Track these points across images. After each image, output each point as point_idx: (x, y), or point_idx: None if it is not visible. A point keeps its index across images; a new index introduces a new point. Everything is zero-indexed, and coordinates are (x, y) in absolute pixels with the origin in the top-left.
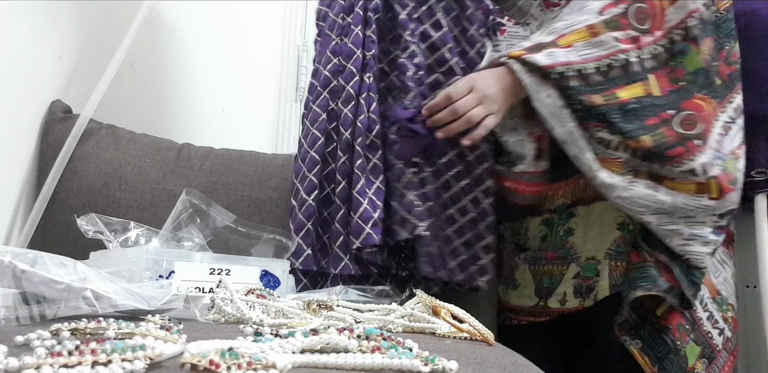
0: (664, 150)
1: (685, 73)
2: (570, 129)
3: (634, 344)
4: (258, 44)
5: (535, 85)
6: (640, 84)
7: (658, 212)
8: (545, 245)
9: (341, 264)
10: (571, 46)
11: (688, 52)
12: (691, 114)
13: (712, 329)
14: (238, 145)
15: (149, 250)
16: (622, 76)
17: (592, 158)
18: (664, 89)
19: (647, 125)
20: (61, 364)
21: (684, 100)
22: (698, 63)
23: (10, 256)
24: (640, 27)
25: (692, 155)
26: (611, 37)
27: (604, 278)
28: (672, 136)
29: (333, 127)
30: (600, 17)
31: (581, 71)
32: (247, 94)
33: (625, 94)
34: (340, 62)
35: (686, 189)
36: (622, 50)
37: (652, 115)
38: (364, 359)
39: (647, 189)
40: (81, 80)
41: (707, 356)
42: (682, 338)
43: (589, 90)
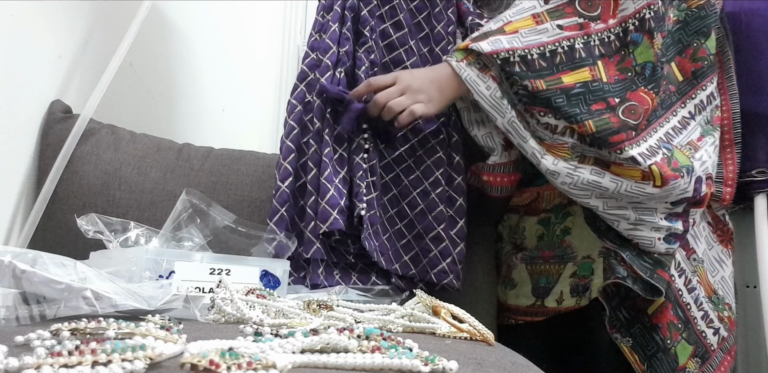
0: (608, 136)
1: (633, 64)
2: (509, 119)
3: (625, 341)
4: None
5: (475, 78)
6: (587, 69)
7: (603, 196)
8: (542, 245)
9: (313, 248)
10: (516, 32)
11: (640, 43)
12: (634, 105)
13: (706, 329)
14: (238, 145)
15: (149, 250)
16: (567, 62)
17: (536, 145)
18: (612, 77)
19: (593, 110)
20: (61, 364)
21: (629, 91)
22: (649, 56)
23: (10, 256)
24: (588, 14)
25: (631, 144)
26: (555, 25)
27: (599, 276)
28: (616, 123)
29: (309, 119)
30: (545, 6)
31: (525, 57)
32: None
33: (570, 79)
34: (317, 57)
35: (631, 175)
36: (566, 37)
37: (599, 99)
38: (364, 359)
39: (592, 175)
40: (81, 80)
41: (700, 355)
42: (673, 337)
43: (532, 75)
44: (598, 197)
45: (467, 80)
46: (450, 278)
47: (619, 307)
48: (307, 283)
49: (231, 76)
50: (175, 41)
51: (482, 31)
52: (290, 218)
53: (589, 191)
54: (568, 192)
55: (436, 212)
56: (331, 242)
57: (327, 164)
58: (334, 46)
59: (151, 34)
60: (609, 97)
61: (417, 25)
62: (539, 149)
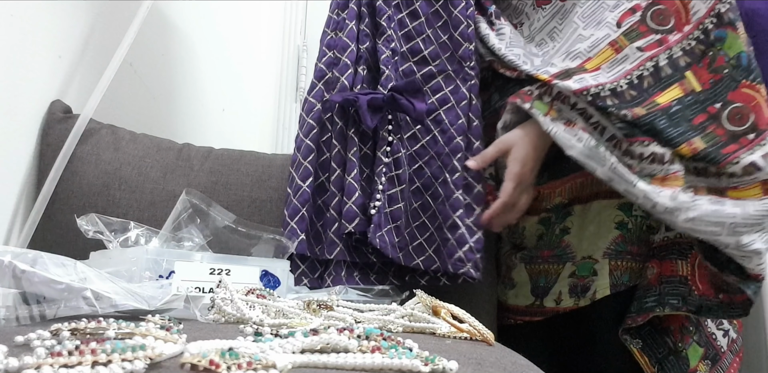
0: (719, 149)
1: (726, 59)
2: (611, 166)
3: (635, 343)
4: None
5: (563, 134)
6: (677, 85)
7: (734, 231)
8: (541, 244)
9: (336, 249)
10: (599, 69)
11: (726, 37)
12: (738, 107)
13: (716, 331)
14: (238, 145)
15: (149, 250)
16: (655, 84)
17: (646, 186)
18: (706, 82)
19: (695, 125)
20: (61, 364)
21: (730, 90)
22: (739, 47)
23: (10, 256)
24: (663, 28)
25: (749, 149)
26: (635, 49)
27: (604, 277)
28: (722, 135)
29: (328, 118)
30: (619, 30)
31: (614, 90)
32: (247, 94)
33: (664, 99)
34: (335, 55)
35: (753, 194)
36: (649, 57)
37: (699, 111)
38: (364, 359)
39: (712, 205)
40: (81, 80)
41: (711, 357)
42: (684, 340)
43: (626, 106)
44: (730, 235)
45: (557, 137)
46: (467, 267)
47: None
48: (328, 283)
49: (231, 76)
50: (175, 41)
51: (560, 67)
52: (310, 218)
53: (718, 227)
54: (696, 232)
55: (453, 199)
56: (352, 241)
57: (354, 164)
58: (352, 44)
59: (152, 34)
60: (708, 105)
61: (434, 13)
62: (651, 189)
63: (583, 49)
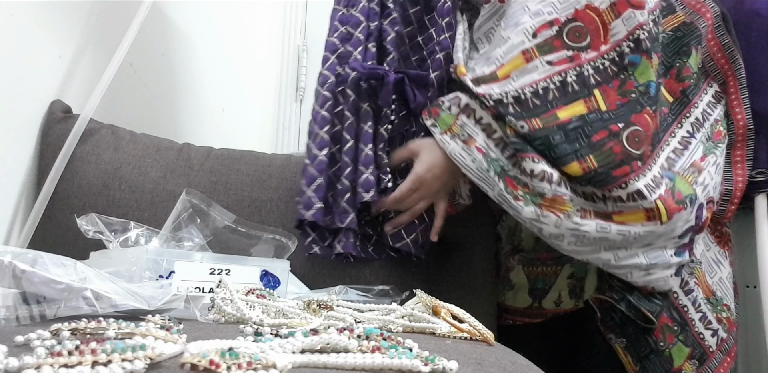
0: (611, 170)
1: (635, 85)
2: (498, 192)
3: (619, 342)
4: (258, 44)
5: (460, 151)
6: (582, 101)
7: (612, 247)
8: (539, 246)
9: (349, 217)
10: (509, 77)
11: (639, 63)
12: (638, 131)
13: (704, 331)
14: (238, 145)
15: (149, 250)
16: (560, 97)
17: (531, 213)
18: (613, 103)
19: (593, 142)
20: (61, 364)
21: (635, 113)
22: (649, 76)
23: (10, 256)
24: (577, 45)
25: (637, 176)
26: (544, 61)
27: (593, 278)
28: (619, 154)
29: (340, 90)
30: (534, 41)
31: (518, 98)
32: (247, 94)
33: (565, 114)
34: (348, 31)
35: (636, 219)
36: (557, 72)
37: (600, 129)
38: (364, 359)
39: (598, 232)
40: (81, 80)
41: (698, 357)
42: (667, 339)
43: (527, 115)
44: (608, 250)
45: (452, 154)
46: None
47: (613, 308)
48: (338, 250)
49: (231, 76)
50: (175, 41)
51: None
52: (327, 186)
53: (595, 245)
54: (574, 253)
55: None
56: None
57: (369, 135)
58: (365, 21)
59: (152, 34)
60: (611, 124)
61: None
62: (537, 214)
63: (498, 54)
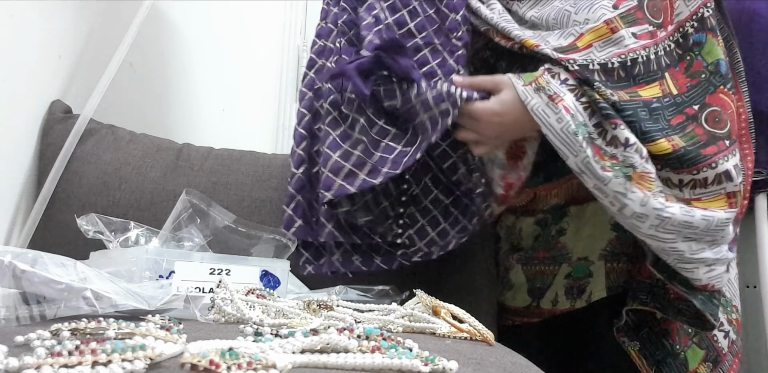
0: (699, 149)
1: (704, 65)
2: (584, 158)
3: (633, 345)
4: (258, 44)
5: (544, 107)
6: (658, 84)
7: (689, 238)
8: (537, 245)
9: (325, 230)
10: (591, 47)
11: (705, 42)
12: (717, 111)
13: (717, 332)
14: (238, 145)
15: (149, 250)
16: (644, 74)
17: (621, 183)
18: (683, 86)
19: (674, 125)
20: (61, 364)
21: (708, 94)
22: (717, 54)
23: (10, 256)
24: (655, 21)
25: (726, 156)
26: (630, 33)
27: (600, 279)
28: (702, 135)
29: (320, 105)
30: (616, 11)
31: (605, 65)
32: (247, 94)
33: (647, 93)
34: (323, 43)
35: (718, 206)
36: (643, 46)
37: (677, 113)
38: (364, 359)
39: (683, 215)
40: (81, 80)
41: (712, 359)
42: (683, 342)
43: (612, 86)
44: (684, 241)
45: (534, 110)
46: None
47: (627, 312)
48: (326, 270)
49: (231, 76)
50: (175, 41)
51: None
52: (307, 203)
53: (675, 233)
54: (653, 238)
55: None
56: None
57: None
58: (335, 28)
59: (151, 34)
60: (686, 107)
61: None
62: (624, 188)
63: (578, 28)
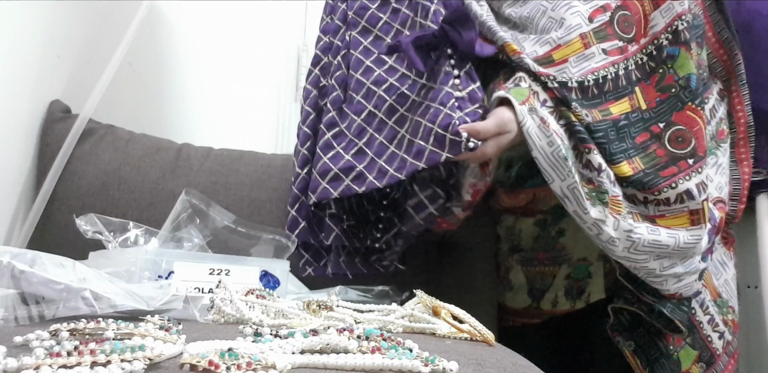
0: (658, 171)
1: (675, 78)
2: (570, 185)
3: (627, 345)
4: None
5: (537, 130)
6: (627, 98)
7: (660, 256)
8: (537, 246)
9: (333, 234)
10: (566, 62)
11: (678, 56)
12: (681, 129)
13: (712, 333)
14: (238, 145)
15: (148, 250)
16: (613, 90)
17: (599, 212)
18: (653, 100)
19: (637, 144)
20: (60, 364)
21: (676, 111)
22: (689, 68)
23: (9, 256)
24: (626, 36)
25: (687, 175)
26: (600, 50)
27: (598, 280)
28: (663, 156)
29: (325, 103)
30: (590, 25)
31: (582, 83)
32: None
33: (616, 110)
34: (329, 40)
35: (680, 223)
36: (612, 62)
37: (642, 130)
38: (364, 359)
39: (650, 234)
40: (80, 80)
41: (705, 360)
42: (676, 343)
43: (587, 104)
44: (656, 259)
45: (528, 132)
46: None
47: (621, 311)
48: (329, 272)
49: (231, 76)
50: (174, 41)
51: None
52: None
53: (648, 254)
54: (626, 259)
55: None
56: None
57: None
58: (343, 26)
59: (151, 33)
60: (652, 124)
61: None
62: (602, 216)
63: (554, 35)
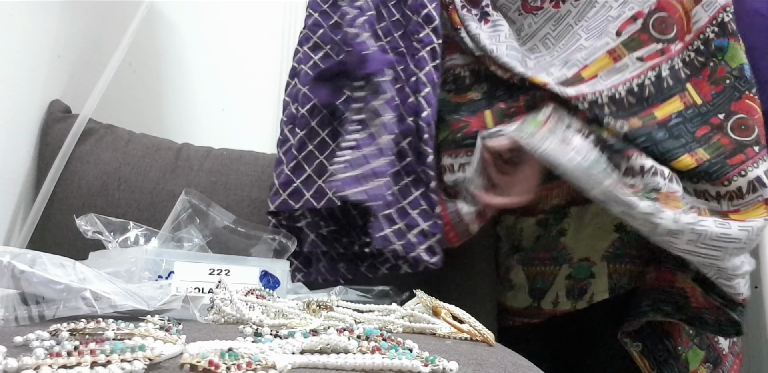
0: (725, 159)
1: (728, 70)
2: (605, 189)
3: (635, 346)
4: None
5: (556, 148)
6: (678, 98)
7: (734, 253)
8: (538, 246)
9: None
10: (596, 77)
11: (728, 47)
12: (743, 118)
13: None
14: (238, 145)
15: (148, 250)
16: (656, 94)
17: (647, 207)
18: (708, 94)
19: (698, 137)
20: (60, 365)
21: (734, 100)
22: (741, 58)
23: (9, 256)
24: (665, 37)
25: (755, 162)
26: (635, 58)
27: (602, 280)
28: (728, 144)
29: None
30: (618, 39)
31: (613, 97)
32: (247, 94)
33: (662, 113)
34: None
35: (757, 214)
36: (651, 67)
37: (702, 124)
38: (364, 359)
39: (719, 228)
40: (80, 80)
41: (712, 360)
42: (684, 343)
43: (624, 114)
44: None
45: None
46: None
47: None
48: (315, 278)
49: (230, 76)
50: (174, 41)
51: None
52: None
53: (721, 250)
54: (690, 253)
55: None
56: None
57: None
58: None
59: (150, 33)
60: (711, 117)
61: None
62: (654, 209)
63: (579, 57)
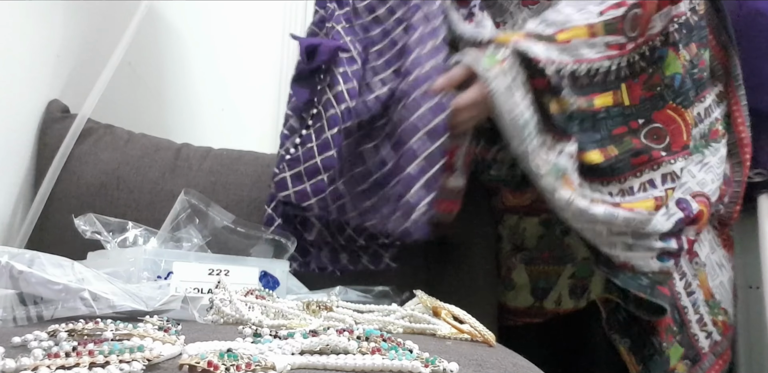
0: (629, 158)
1: (662, 77)
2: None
3: (623, 342)
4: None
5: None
6: (611, 93)
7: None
8: (542, 245)
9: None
10: (569, 43)
11: (666, 56)
12: (658, 128)
13: (699, 332)
14: (237, 145)
15: (147, 250)
16: (600, 83)
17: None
18: (637, 98)
19: (614, 135)
20: (59, 365)
21: (657, 109)
22: (676, 68)
23: (8, 256)
24: (630, 34)
25: (657, 164)
26: (603, 42)
27: (600, 278)
28: (637, 144)
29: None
30: (600, 18)
31: (573, 73)
32: (247, 94)
33: (598, 103)
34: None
35: (645, 206)
36: (608, 56)
37: (620, 124)
38: (364, 360)
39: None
40: (79, 80)
41: (691, 358)
42: (668, 340)
43: (576, 92)
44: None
45: (495, 92)
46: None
47: (618, 308)
48: (313, 267)
49: (230, 76)
50: (173, 41)
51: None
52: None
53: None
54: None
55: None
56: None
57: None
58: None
59: (150, 33)
60: (632, 119)
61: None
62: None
63: (559, 19)
